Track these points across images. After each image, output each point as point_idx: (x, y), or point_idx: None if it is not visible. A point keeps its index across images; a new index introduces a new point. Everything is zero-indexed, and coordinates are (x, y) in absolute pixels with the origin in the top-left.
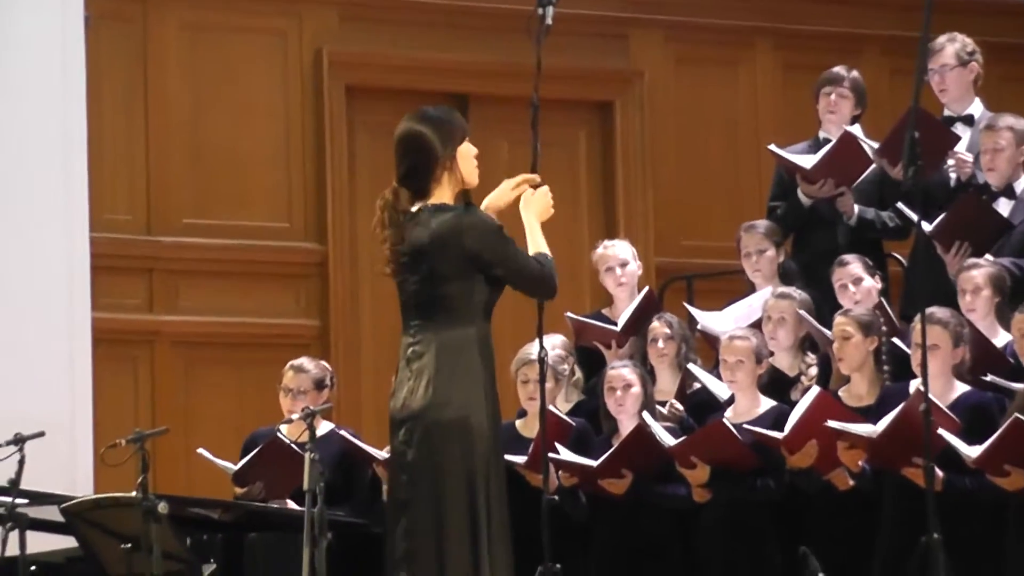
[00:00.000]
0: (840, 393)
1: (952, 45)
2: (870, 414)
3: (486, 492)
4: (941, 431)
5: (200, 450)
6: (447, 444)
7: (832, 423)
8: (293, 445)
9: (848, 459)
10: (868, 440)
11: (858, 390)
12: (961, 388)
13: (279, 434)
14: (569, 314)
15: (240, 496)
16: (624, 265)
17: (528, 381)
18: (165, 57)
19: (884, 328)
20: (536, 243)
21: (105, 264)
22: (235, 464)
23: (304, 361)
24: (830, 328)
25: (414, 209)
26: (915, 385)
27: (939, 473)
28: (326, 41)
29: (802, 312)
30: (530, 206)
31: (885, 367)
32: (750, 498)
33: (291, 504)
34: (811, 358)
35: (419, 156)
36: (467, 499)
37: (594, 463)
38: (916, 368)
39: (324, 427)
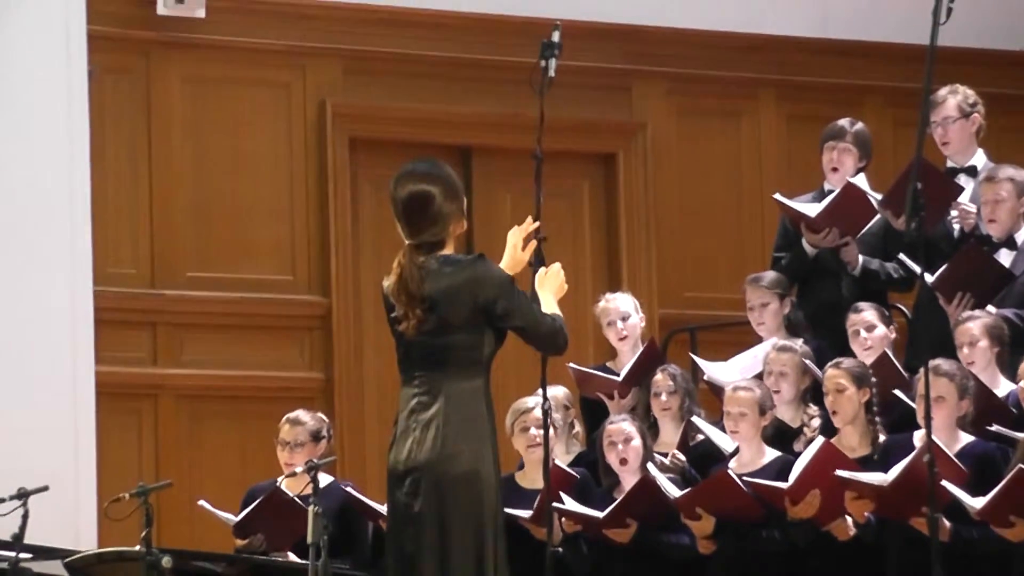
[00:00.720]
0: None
1: (954, 97)
2: (867, 465)
3: (494, 545)
4: (946, 483)
5: (201, 502)
6: (457, 497)
7: (842, 472)
8: (296, 499)
9: (855, 509)
10: (877, 490)
11: (849, 442)
12: (965, 438)
13: (280, 486)
14: (572, 364)
15: (241, 548)
16: (626, 318)
17: (527, 429)
18: (168, 109)
19: (874, 380)
20: (549, 306)
21: (109, 318)
22: (235, 516)
23: (300, 413)
24: None
25: (422, 259)
26: (919, 436)
27: (946, 523)
28: (329, 93)
29: (808, 362)
30: (545, 284)
31: (876, 418)
32: (755, 549)
33: (292, 557)
34: (813, 409)
35: (433, 215)
36: (475, 552)
37: (600, 514)
38: (921, 420)
39: (325, 479)
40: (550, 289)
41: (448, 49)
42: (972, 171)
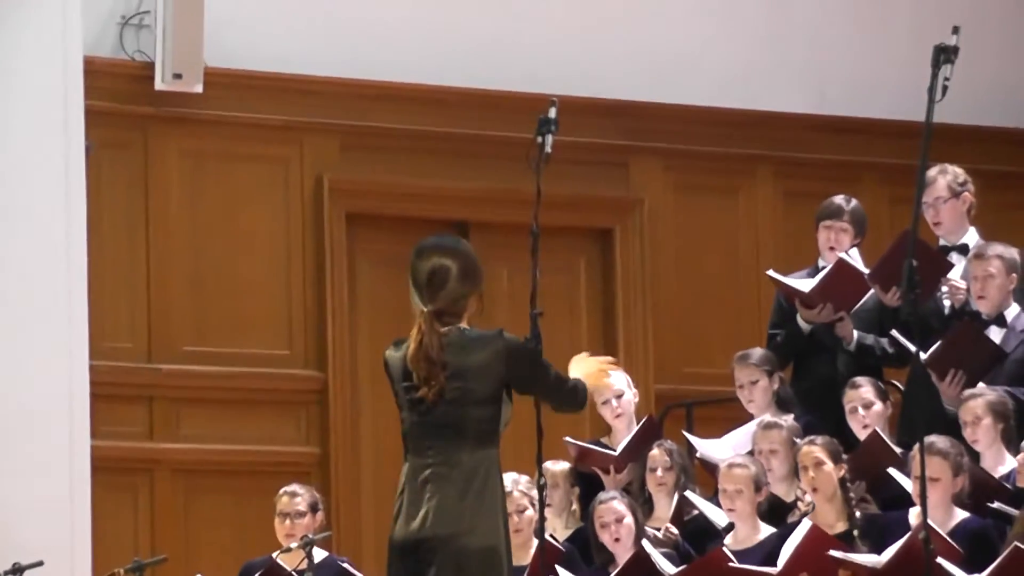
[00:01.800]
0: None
1: (944, 177)
2: (848, 541)
3: None
4: (941, 560)
5: None
6: (473, 572)
7: (835, 553)
8: (293, 572)
9: None
10: (872, 572)
11: (827, 519)
12: (960, 515)
13: (277, 561)
14: (568, 439)
15: None
16: (620, 396)
17: (510, 514)
18: (166, 184)
19: (845, 456)
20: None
21: (105, 392)
22: None
23: (296, 486)
24: None
25: (447, 331)
26: (914, 513)
27: None
28: (327, 169)
29: (796, 440)
30: (579, 366)
31: (851, 495)
32: None
33: None
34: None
35: (453, 289)
36: None
37: None
38: (916, 498)
39: (319, 554)
40: (582, 371)
41: (446, 124)
42: (964, 249)
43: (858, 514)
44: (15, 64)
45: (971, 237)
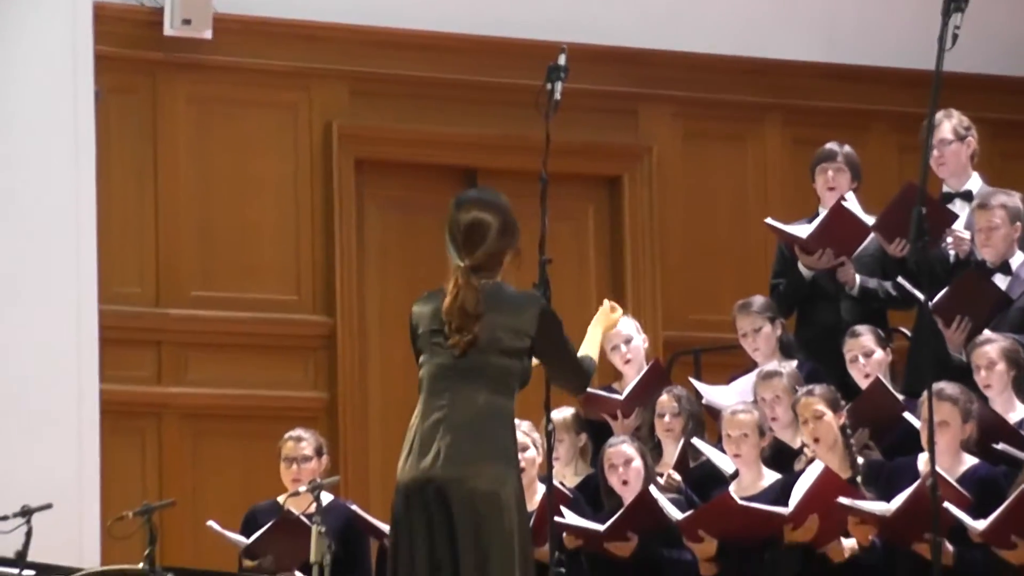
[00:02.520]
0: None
1: (949, 121)
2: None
3: (519, 560)
4: (948, 505)
5: (210, 523)
6: (479, 512)
7: (844, 500)
8: (302, 517)
9: (859, 534)
10: (880, 518)
11: (830, 466)
12: (969, 461)
13: (290, 509)
14: None
15: (251, 569)
16: (628, 341)
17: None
18: (174, 131)
19: (843, 403)
20: (591, 346)
21: (114, 336)
22: (239, 536)
23: (300, 431)
24: None
25: (480, 284)
26: (923, 459)
27: (949, 547)
28: (336, 115)
29: (799, 388)
30: (600, 322)
31: (851, 442)
32: (757, 572)
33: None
34: None
35: (491, 244)
36: (505, 567)
37: (601, 527)
38: (926, 444)
39: (326, 498)
40: (603, 326)
41: (455, 71)
42: (967, 196)
43: (861, 461)
44: (24, 10)
45: (975, 183)
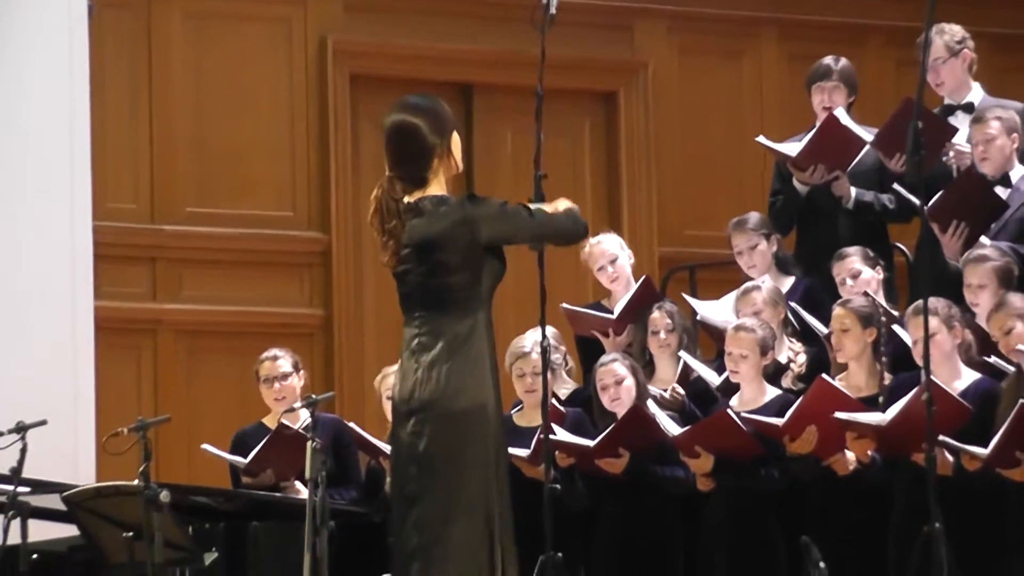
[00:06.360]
0: (838, 383)
1: (940, 37)
2: (873, 405)
3: (496, 479)
4: (943, 438)
5: (205, 446)
6: (462, 434)
7: (840, 414)
8: (300, 432)
9: (857, 449)
10: (876, 430)
11: (856, 381)
12: (970, 376)
13: (285, 423)
14: (564, 305)
15: (251, 485)
16: (614, 260)
17: (524, 375)
18: (169, 46)
19: (883, 319)
20: (553, 207)
21: (108, 253)
22: (240, 458)
23: (275, 350)
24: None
25: (411, 199)
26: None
27: (948, 458)
28: (331, 30)
29: (794, 305)
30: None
31: (884, 358)
32: (754, 487)
33: (300, 487)
34: (797, 345)
35: (415, 147)
36: (482, 488)
37: (591, 443)
38: (918, 359)
39: (304, 414)
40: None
41: None
42: (969, 107)
43: (888, 379)
44: None
45: (976, 94)
